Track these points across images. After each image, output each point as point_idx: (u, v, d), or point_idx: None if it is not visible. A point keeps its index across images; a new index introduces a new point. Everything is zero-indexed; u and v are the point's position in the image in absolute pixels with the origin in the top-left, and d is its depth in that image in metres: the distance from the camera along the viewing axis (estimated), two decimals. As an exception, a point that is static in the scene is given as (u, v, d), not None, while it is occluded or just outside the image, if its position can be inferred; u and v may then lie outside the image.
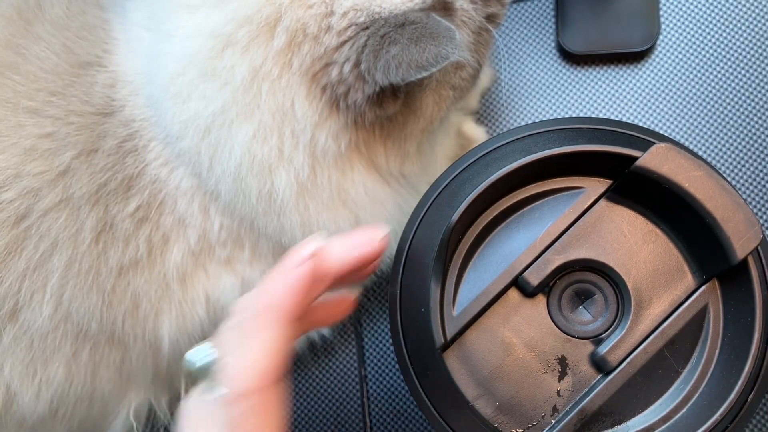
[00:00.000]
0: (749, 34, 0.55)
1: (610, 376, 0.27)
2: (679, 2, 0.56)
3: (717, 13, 0.56)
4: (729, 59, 0.55)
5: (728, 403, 0.25)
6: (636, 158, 0.27)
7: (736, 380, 0.26)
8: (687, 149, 0.29)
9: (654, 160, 0.27)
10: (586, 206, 0.29)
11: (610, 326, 0.29)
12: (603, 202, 0.29)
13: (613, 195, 0.29)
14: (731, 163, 0.53)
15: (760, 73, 0.54)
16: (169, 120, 0.42)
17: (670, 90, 0.55)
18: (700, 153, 0.53)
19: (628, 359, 0.27)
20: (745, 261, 0.27)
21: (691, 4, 0.56)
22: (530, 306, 0.29)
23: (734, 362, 0.26)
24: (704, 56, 0.55)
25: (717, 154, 0.54)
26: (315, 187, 0.42)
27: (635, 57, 0.56)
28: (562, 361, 0.28)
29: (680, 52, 0.56)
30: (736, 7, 0.56)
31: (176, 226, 0.45)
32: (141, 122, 0.44)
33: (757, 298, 0.26)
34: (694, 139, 0.54)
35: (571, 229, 0.29)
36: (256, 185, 0.42)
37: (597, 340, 0.29)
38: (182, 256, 0.45)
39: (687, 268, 0.29)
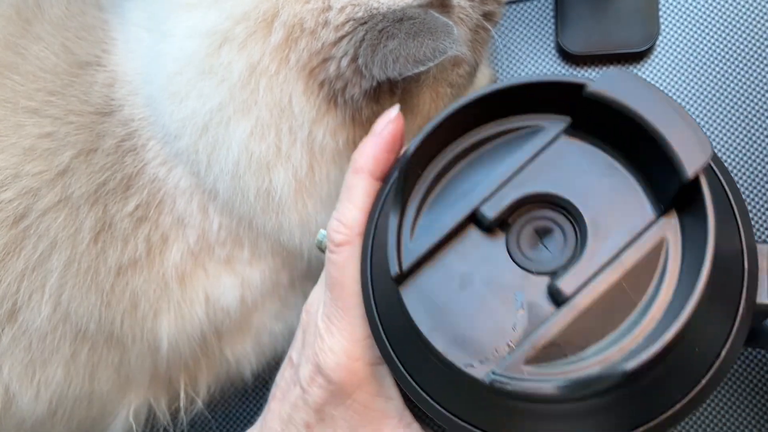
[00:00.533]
0: (749, 34, 0.55)
1: (565, 307, 0.27)
2: (679, 2, 0.56)
3: (717, 13, 0.56)
4: (729, 59, 0.55)
5: (678, 323, 0.24)
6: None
7: (687, 305, 0.25)
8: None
9: (606, 84, 0.27)
10: (546, 142, 0.29)
11: (568, 261, 0.28)
12: (563, 138, 0.29)
13: (572, 130, 0.29)
14: (731, 163, 0.53)
15: (760, 73, 0.54)
16: (167, 119, 0.42)
17: (670, 90, 0.55)
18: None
19: (583, 290, 0.27)
20: (697, 183, 0.26)
21: (691, 4, 0.56)
22: (489, 242, 0.29)
23: (689, 290, 0.25)
24: (704, 56, 0.55)
25: (717, 153, 0.54)
26: (313, 184, 0.42)
27: (635, 57, 0.56)
28: (519, 296, 0.28)
29: (680, 53, 0.56)
30: (736, 7, 0.55)
31: (175, 225, 0.45)
32: (140, 121, 0.44)
33: (710, 220, 0.25)
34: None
35: (530, 165, 0.29)
36: (254, 183, 0.42)
37: (554, 275, 0.28)
38: (181, 255, 0.45)
39: (646, 201, 0.28)
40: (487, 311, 0.28)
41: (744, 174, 0.53)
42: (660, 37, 0.56)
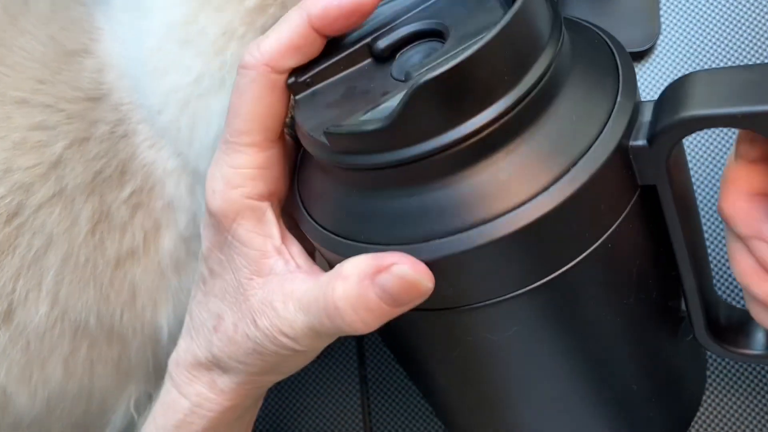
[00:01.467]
0: (749, 34, 0.55)
1: (408, 83, 0.31)
2: (680, 2, 0.56)
3: (717, 13, 0.56)
4: (729, 59, 0.55)
5: (465, 54, 0.28)
6: None
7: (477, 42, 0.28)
8: None
9: None
10: None
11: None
12: None
13: None
14: (723, 161, 0.54)
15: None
16: (149, 94, 0.42)
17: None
18: (700, 152, 0.54)
19: (430, 72, 0.29)
20: None
21: (692, 3, 0.56)
22: (377, 68, 0.33)
23: None
24: (705, 56, 0.55)
25: (717, 154, 0.54)
26: None
27: (635, 57, 0.55)
28: (385, 94, 0.32)
29: (681, 52, 0.56)
30: (737, 7, 0.55)
31: (167, 210, 0.44)
32: (128, 105, 0.43)
33: None
34: (695, 138, 0.54)
35: (419, 8, 0.34)
36: None
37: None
38: (174, 242, 0.44)
39: (500, 9, 0.32)
40: (357, 108, 0.32)
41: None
42: (661, 37, 0.56)
